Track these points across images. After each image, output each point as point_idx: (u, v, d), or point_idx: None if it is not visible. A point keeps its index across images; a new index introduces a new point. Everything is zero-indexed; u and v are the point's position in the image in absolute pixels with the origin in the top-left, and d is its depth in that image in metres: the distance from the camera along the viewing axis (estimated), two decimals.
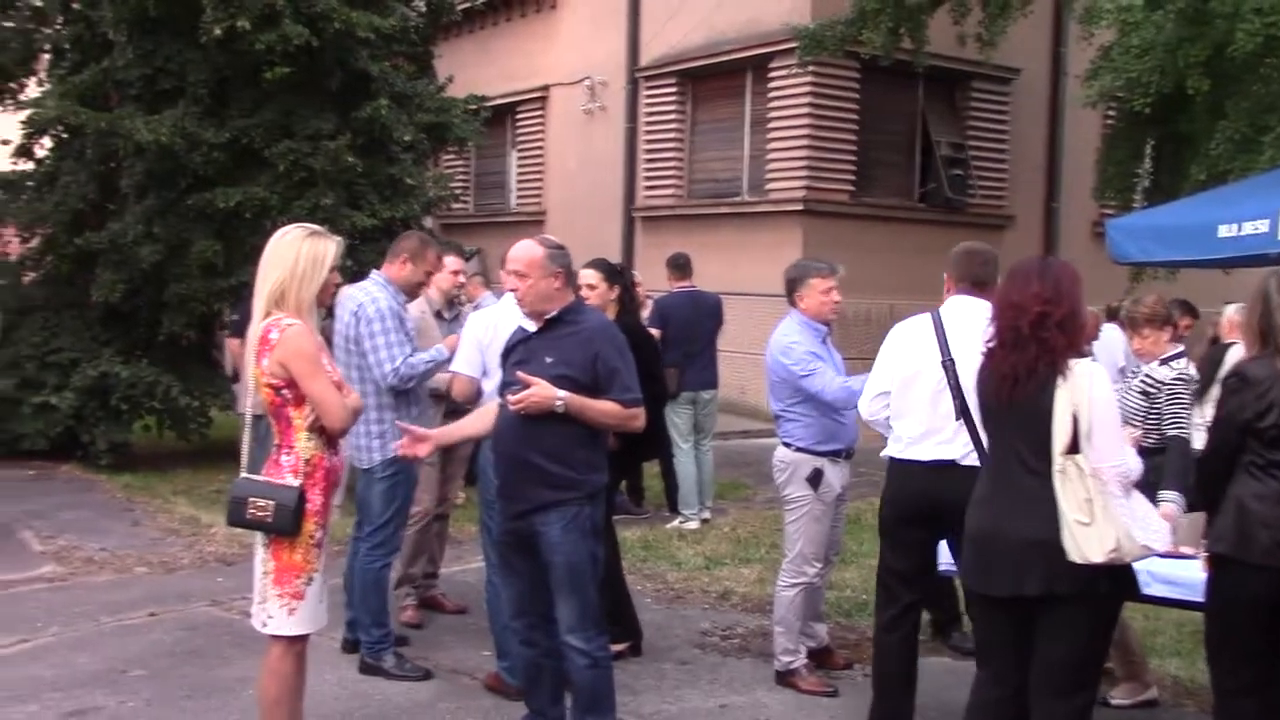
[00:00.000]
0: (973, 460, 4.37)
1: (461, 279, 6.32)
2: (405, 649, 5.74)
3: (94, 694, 5.22)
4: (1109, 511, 3.50)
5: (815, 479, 5.39)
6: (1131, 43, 9.60)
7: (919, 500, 4.59)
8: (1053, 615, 3.60)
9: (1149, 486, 4.24)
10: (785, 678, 5.48)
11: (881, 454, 4.80)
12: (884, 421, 4.75)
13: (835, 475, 5.46)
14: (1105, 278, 9.70)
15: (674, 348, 8.84)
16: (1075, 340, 3.66)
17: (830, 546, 5.64)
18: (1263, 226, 7.27)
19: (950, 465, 4.49)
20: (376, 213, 10.68)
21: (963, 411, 4.44)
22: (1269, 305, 3.89)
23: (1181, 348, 5.92)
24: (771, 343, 5.53)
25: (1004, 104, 15.97)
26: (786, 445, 5.49)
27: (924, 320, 4.69)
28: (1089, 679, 3.74)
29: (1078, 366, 3.60)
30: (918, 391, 4.60)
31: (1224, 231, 7.58)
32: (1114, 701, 5.26)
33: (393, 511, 5.63)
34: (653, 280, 10.85)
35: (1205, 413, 5.46)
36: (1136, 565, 3.68)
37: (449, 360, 5.58)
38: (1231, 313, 6.86)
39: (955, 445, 4.49)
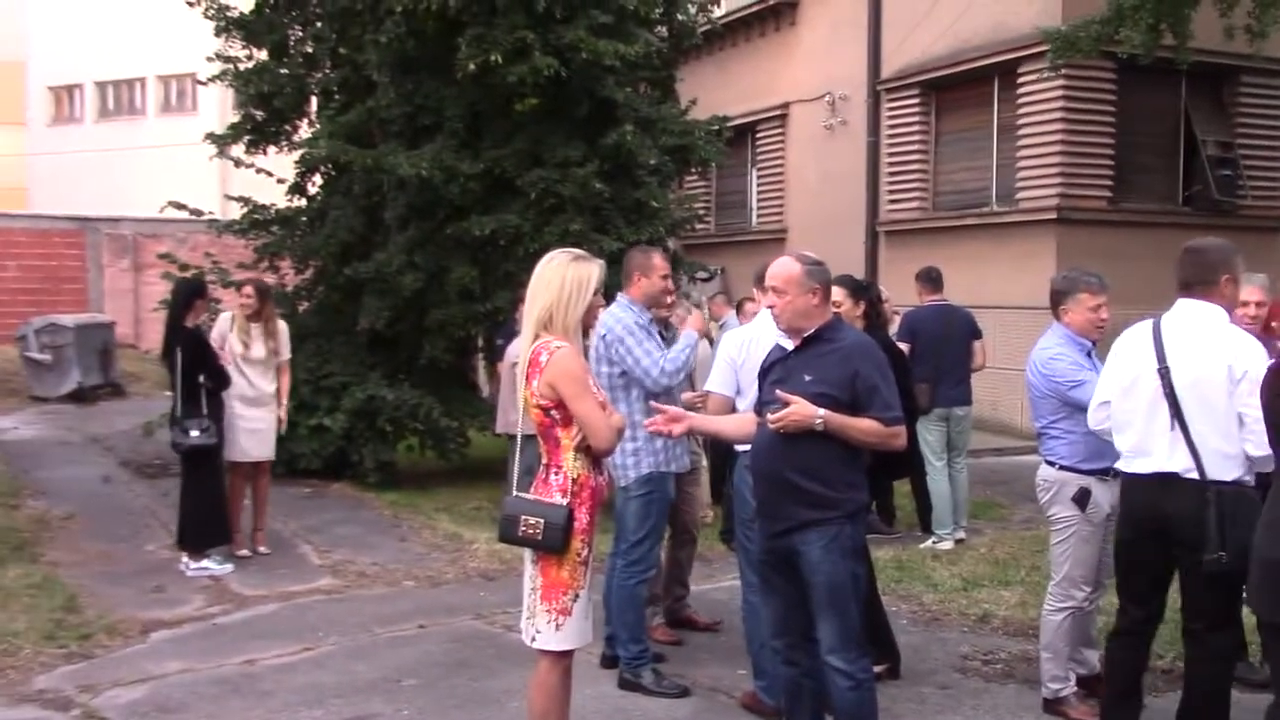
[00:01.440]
0: (1194, 474, 4.16)
1: (668, 283, 6.25)
2: (662, 665, 5.80)
3: (372, 701, 5.50)
4: None
5: (1082, 499, 5.17)
6: None
7: (1144, 515, 4.42)
8: None
9: None
10: (1053, 706, 5.26)
11: (1114, 466, 4.64)
12: (1108, 431, 4.61)
13: (1103, 494, 5.21)
14: None
15: (923, 363, 8.66)
16: None
17: (1101, 569, 5.38)
18: None
19: (1172, 478, 4.30)
20: (623, 236, 10.89)
21: (1179, 422, 4.24)
22: None
23: None
24: (1033, 356, 5.35)
25: (1277, 99, 14.95)
26: (1050, 464, 5.28)
27: (1144, 327, 4.53)
28: None
29: None
30: (1135, 401, 4.45)
31: None
32: None
33: (648, 529, 5.72)
34: (899, 295, 10.67)
35: None
36: None
37: (698, 341, 5.66)
38: None
39: (1175, 458, 4.30)
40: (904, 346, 8.68)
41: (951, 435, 8.95)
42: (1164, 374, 4.36)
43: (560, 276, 4.08)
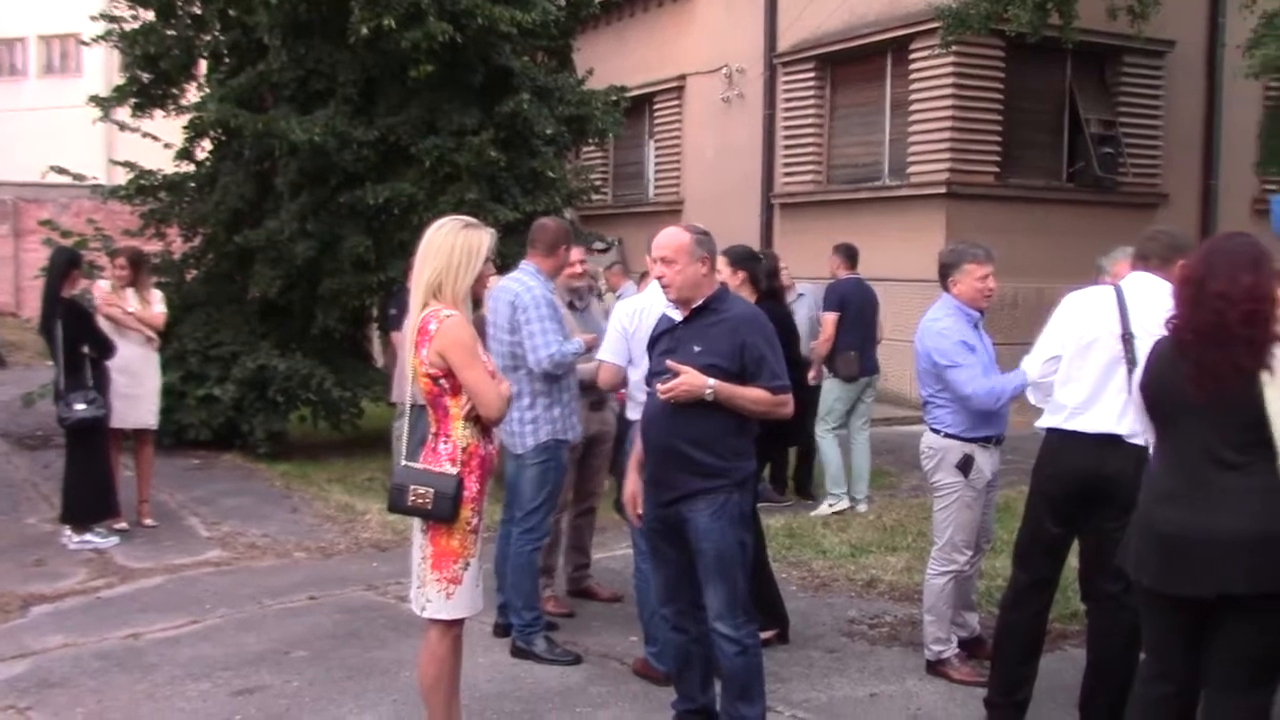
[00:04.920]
0: (1139, 440, 4.25)
1: (581, 269, 6.35)
2: (555, 634, 5.83)
3: (260, 673, 5.44)
4: None
5: (965, 465, 5.31)
6: None
7: (1080, 474, 4.48)
8: (1249, 612, 3.44)
9: None
10: (936, 667, 5.41)
11: (1036, 424, 4.70)
12: (1049, 385, 4.64)
13: (986, 462, 5.36)
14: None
15: (851, 332, 8.93)
16: (1276, 334, 3.47)
17: (982, 534, 5.55)
18: None
19: (1115, 440, 4.38)
20: (519, 206, 10.86)
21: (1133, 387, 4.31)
22: None
23: None
24: (921, 327, 5.45)
25: (1157, 78, 15.40)
26: (935, 431, 5.41)
27: (1105, 291, 4.58)
28: (1272, 675, 3.60)
29: None
30: (1092, 361, 4.50)
31: None
32: None
33: (544, 497, 5.73)
34: (796, 268, 10.78)
35: None
36: None
37: (585, 352, 5.68)
38: None
39: (1122, 421, 4.37)
40: (833, 316, 8.92)
41: (862, 403, 9.16)
42: (1127, 340, 4.40)
43: (450, 244, 4.05)
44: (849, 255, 9.38)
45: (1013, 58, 14.13)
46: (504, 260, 8.50)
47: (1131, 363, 4.33)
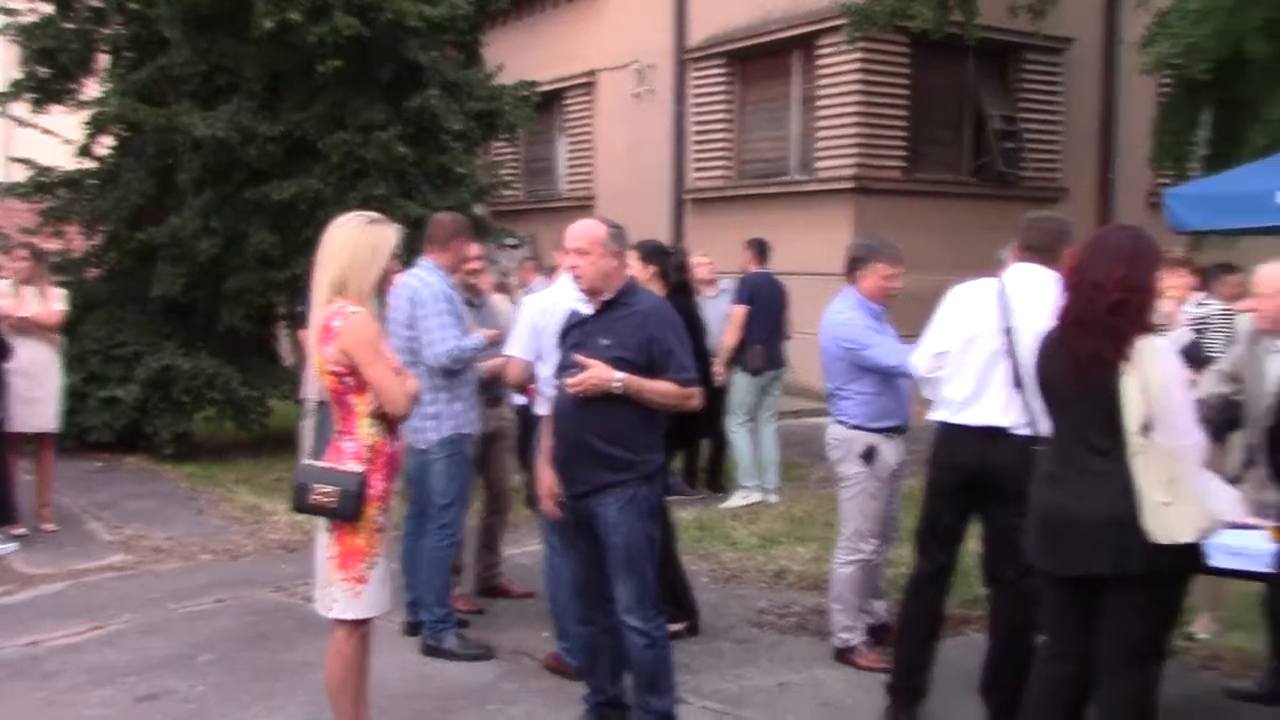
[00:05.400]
0: (1024, 430, 4.35)
1: (478, 264, 6.34)
2: (466, 631, 5.81)
3: (165, 678, 5.36)
4: (1192, 489, 3.49)
5: (870, 455, 5.40)
6: (1190, 7, 9.47)
7: (968, 465, 4.57)
8: (1122, 593, 3.58)
9: None
10: (844, 655, 5.50)
11: (927, 417, 4.78)
12: (937, 380, 4.72)
13: (890, 452, 5.46)
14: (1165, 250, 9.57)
15: (760, 325, 9.01)
16: (1147, 325, 3.61)
17: (887, 523, 5.64)
18: None
19: (1000, 433, 4.47)
20: (428, 202, 10.77)
21: (1017, 381, 4.41)
22: None
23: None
24: (825, 320, 5.53)
25: (1056, 75, 15.76)
26: (841, 423, 5.49)
27: (987, 285, 4.66)
28: (1156, 654, 3.73)
29: (1144, 345, 3.56)
30: (975, 355, 4.57)
31: None
32: (1200, 635, 5.56)
33: (456, 491, 5.73)
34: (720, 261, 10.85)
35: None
36: None
37: (486, 348, 5.67)
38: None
39: (1007, 414, 4.46)
40: (742, 309, 8.97)
41: (769, 396, 9.24)
42: (1009, 333, 4.48)
43: (355, 240, 4.03)
44: (760, 250, 9.49)
45: (917, 55, 14.35)
46: (414, 257, 8.48)
47: (1013, 356, 4.42)
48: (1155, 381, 3.51)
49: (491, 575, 6.73)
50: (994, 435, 4.48)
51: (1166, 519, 3.45)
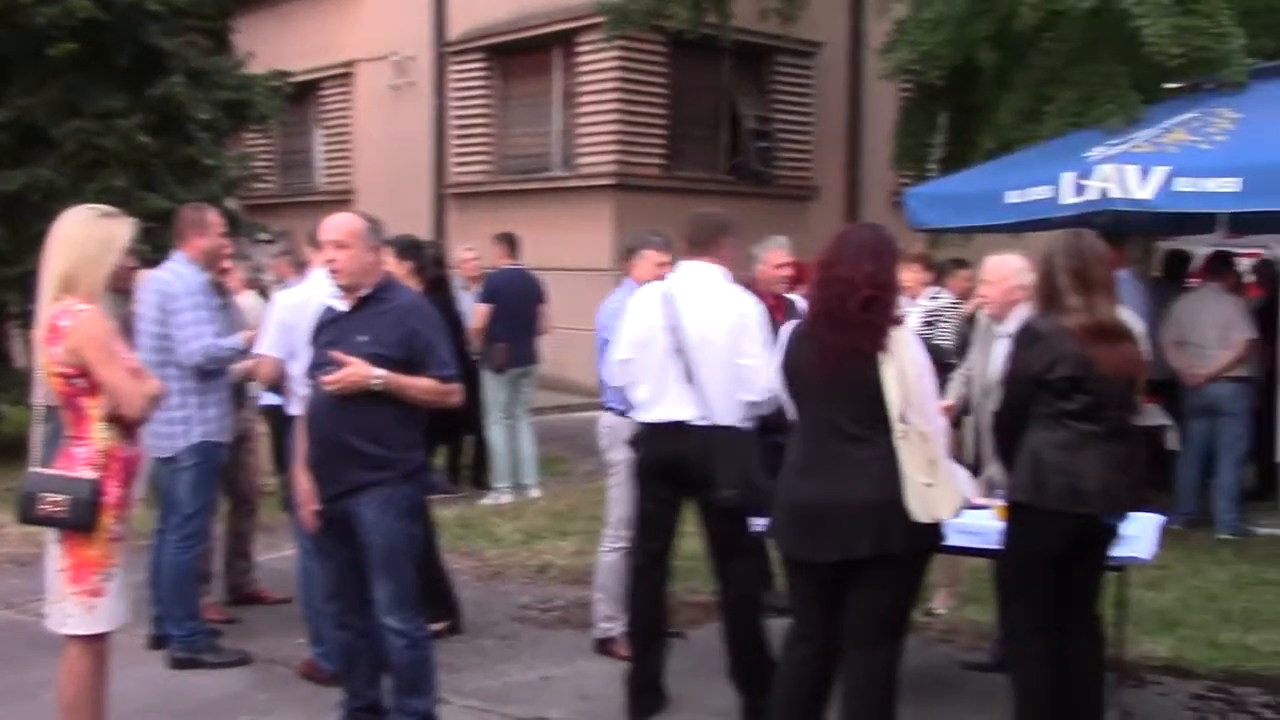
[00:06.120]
0: (702, 421, 4.55)
1: (226, 262, 6.11)
2: (218, 640, 5.59)
3: None
4: (948, 470, 3.68)
5: (636, 442, 5.45)
6: (925, 16, 9.95)
7: (661, 459, 4.72)
8: (874, 573, 3.73)
9: None
10: (605, 645, 5.54)
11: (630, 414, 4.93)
12: (630, 386, 4.86)
13: None
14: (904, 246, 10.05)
15: (503, 323, 8.87)
16: (895, 317, 3.80)
17: None
18: (1046, 192, 7.63)
19: (684, 425, 4.61)
20: (174, 195, 10.27)
21: (688, 374, 4.58)
22: (1053, 268, 4.12)
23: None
24: (602, 310, 5.63)
25: (807, 78, 16.34)
26: (610, 410, 5.55)
27: (656, 287, 4.83)
28: (901, 629, 3.91)
29: (898, 336, 3.73)
30: (650, 356, 4.71)
31: (1011, 198, 7.93)
32: (939, 610, 5.88)
33: (202, 501, 5.51)
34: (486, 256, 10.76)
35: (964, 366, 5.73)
36: None
37: (243, 351, 5.47)
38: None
39: (686, 407, 4.61)
40: (486, 307, 8.85)
41: (521, 393, 9.19)
42: (674, 331, 4.62)
43: (85, 235, 3.81)
44: (510, 244, 9.40)
45: (675, 54, 14.63)
46: (158, 253, 8.09)
47: (680, 352, 4.59)
48: (910, 370, 3.69)
49: (244, 582, 6.49)
50: (679, 429, 4.63)
51: (929, 499, 3.64)
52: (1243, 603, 6.28)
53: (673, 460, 4.65)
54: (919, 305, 6.42)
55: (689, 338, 4.57)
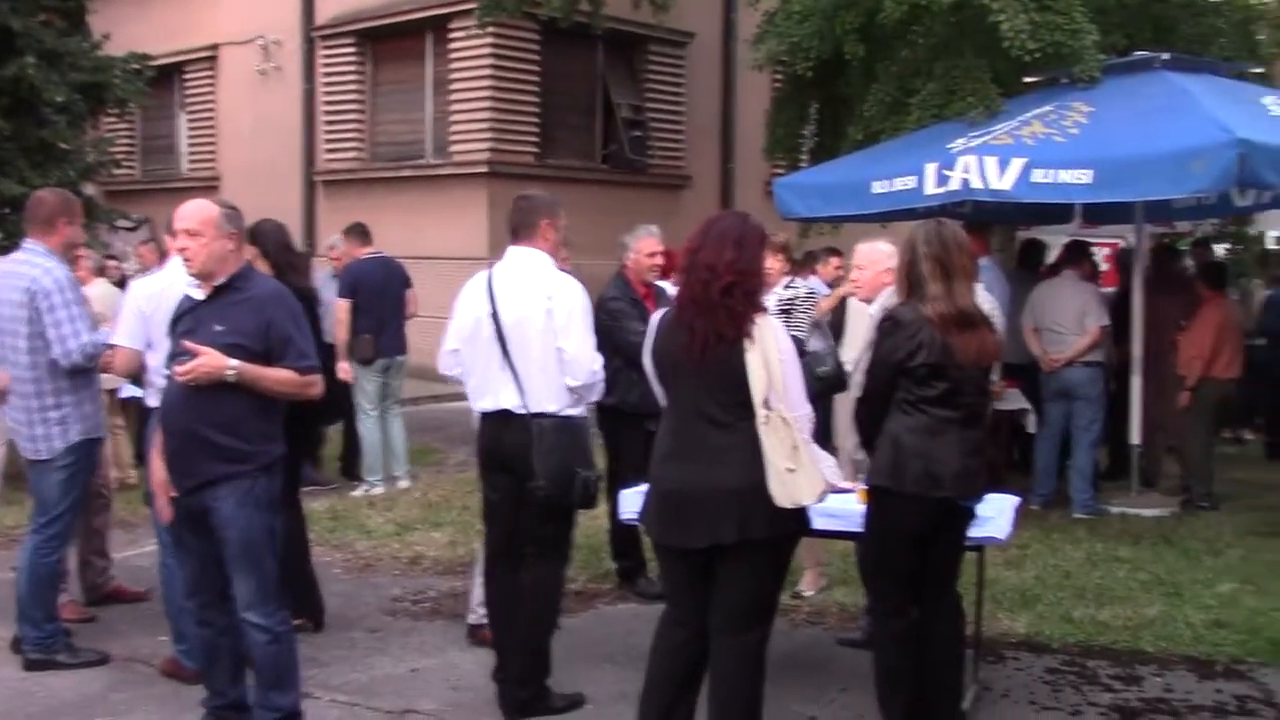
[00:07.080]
0: (522, 410, 4.56)
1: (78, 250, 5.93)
2: (74, 640, 5.40)
3: None
4: (812, 456, 3.72)
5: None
6: (793, 8, 10.06)
7: (490, 451, 4.72)
8: (740, 559, 3.76)
9: None
10: (477, 632, 5.47)
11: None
12: (461, 375, 4.84)
13: None
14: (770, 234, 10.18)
15: (366, 314, 8.69)
16: (758, 305, 3.83)
17: None
18: (911, 182, 7.79)
19: (507, 414, 4.61)
20: (27, 179, 9.96)
21: (508, 362, 4.58)
22: (916, 255, 4.21)
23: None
24: None
25: (680, 67, 16.43)
26: None
27: (480, 276, 4.80)
28: (768, 613, 3.96)
29: (762, 323, 3.77)
30: (476, 345, 4.70)
31: (877, 188, 8.06)
32: (807, 593, 6.01)
33: (70, 502, 5.32)
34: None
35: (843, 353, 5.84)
36: None
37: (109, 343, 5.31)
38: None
39: (508, 395, 4.61)
40: (345, 302, 8.67)
41: (389, 384, 9.04)
42: (494, 317, 4.61)
43: None
44: (361, 235, 9.17)
45: (548, 42, 14.58)
46: (10, 240, 7.79)
47: (500, 339, 4.59)
48: (774, 357, 3.72)
49: (103, 581, 6.28)
50: (503, 418, 4.63)
51: (791, 485, 3.67)
52: (1096, 579, 6.51)
53: (500, 451, 4.65)
54: (774, 294, 6.50)
55: (506, 323, 4.56)
